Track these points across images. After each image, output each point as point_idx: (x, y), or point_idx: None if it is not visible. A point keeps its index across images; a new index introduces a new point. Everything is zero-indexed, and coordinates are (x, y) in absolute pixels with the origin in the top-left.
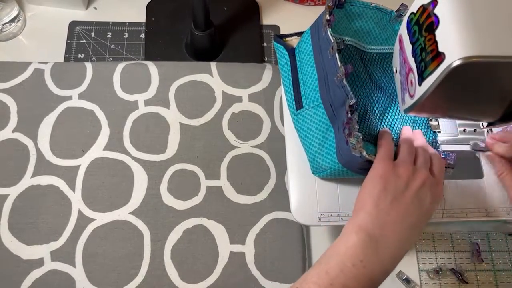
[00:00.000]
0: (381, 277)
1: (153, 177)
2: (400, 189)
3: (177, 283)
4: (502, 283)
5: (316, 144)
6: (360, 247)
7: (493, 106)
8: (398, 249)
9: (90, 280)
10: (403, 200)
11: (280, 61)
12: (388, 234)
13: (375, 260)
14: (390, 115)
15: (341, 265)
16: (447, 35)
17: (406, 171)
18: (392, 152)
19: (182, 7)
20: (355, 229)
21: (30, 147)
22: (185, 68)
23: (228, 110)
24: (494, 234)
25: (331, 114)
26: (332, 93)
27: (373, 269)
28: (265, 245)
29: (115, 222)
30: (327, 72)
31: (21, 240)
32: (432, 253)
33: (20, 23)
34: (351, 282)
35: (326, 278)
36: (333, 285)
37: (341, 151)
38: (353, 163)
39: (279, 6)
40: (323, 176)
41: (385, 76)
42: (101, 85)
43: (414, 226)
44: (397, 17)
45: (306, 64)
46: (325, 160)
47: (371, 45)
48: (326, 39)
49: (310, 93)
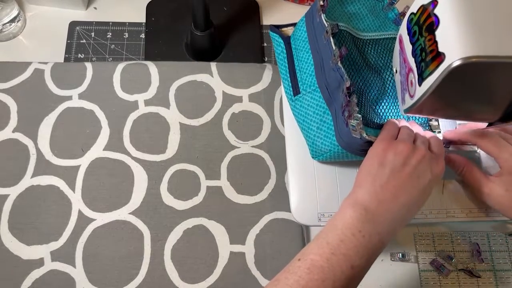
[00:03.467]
0: (379, 248)
1: (153, 177)
2: (398, 165)
3: (177, 283)
4: (502, 283)
5: (314, 128)
6: (357, 219)
7: (493, 106)
8: (395, 222)
9: (90, 280)
10: (401, 176)
11: (276, 49)
12: (385, 208)
13: (372, 231)
14: (386, 99)
15: (341, 235)
16: (447, 35)
17: (406, 148)
18: (394, 135)
19: (182, 7)
20: (352, 204)
21: (30, 147)
22: (185, 68)
23: (228, 110)
24: (494, 234)
25: (328, 97)
26: (327, 76)
27: (371, 240)
28: (265, 245)
29: (115, 222)
30: (322, 57)
31: (21, 240)
32: (432, 253)
33: (20, 23)
34: (352, 251)
35: (327, 248)
36: (334, 254)
37: (341, 134)
38: (353, 145)
39: (279, 6)
40: (323, 159)
41: (381, 59)
42: (101, 85)
43: (411, 201)
44: (389, 4)
45: (301, 50)
46: (324, 143)
47: (364, 32)
48: (321, 24)
49: (307, 79)
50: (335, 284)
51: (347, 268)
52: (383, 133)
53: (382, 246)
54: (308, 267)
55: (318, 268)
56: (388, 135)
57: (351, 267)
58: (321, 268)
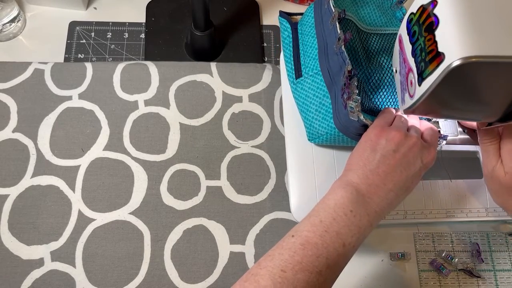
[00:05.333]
0: (368, 229)
1: (153, 177)
2: (389, 151)
3: (177, 283)
4: (502, 283)
5: (313, 110)
6: (348, 199)
7: (493, 106)
8: (383, 206)
9: (90, 280)
10: (390, 162)
11: (283, 33)
12: (374, 191)
13: (363, 213)
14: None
15: (333, 214)
16: (447, 35)
17: (398, 134)
18: (389, 122)
19: (182, 7)
20: (343, 185)
21: (30, 147)
22: (185, 68)
23: (228, 110)
24: (494, 234)
25: (329, 80)
26: (330, 60)
27: (361, 219)
28: (265, 245)
29: (115, 222)
30: (327, 42)
31: (21, 240)
32: (432, 253)
33: (20, 23)
34: (344, 229)
35: (320, 226)
36: (328, 231)
37: (338, 116)
38: (349, 128)
39: (279, 6)
40: (319, 142)
41: (383, 53)
42: (101, 85)
43: (400, 187)
44: (398, 3)
45: (307, 35)
46: (321, 126)
47: (369, 26)
48: (328, 10)
49: (310, 62)
50: (328, 260)
51: (340, 246)
52: (378, 119)
53: (371, 227)
54: (302, 243)
55: (312, 244)
56: (383, 121)
57: (343, 245)
58: (315, 245)
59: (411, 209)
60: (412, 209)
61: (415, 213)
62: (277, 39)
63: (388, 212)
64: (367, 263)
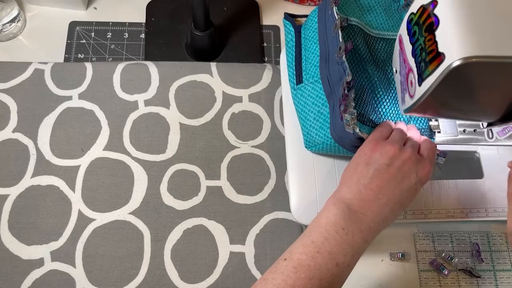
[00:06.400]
0: (362, 246)
1: (153, 177)
2: (383, 166)
3: (177, 283)
4: (502, 283)
5: (311, 118)
6: (340, 216)
7: (493, 106)
8: (377, 222)
9: (90, 280)
10: (384, 176)
11: (286, 37)
12: (367, 207)
13: (355, 230)
14: (389, 99)
15: (325, 233)
16: (447, 35)
17: (393, 149)
18: (385, 136)
19: (182, 7)
20: (335, 202)
21: (30, 147)
22: (185, 68)
23: (228, 110)
24: (494, 234)
25: (328, 89)
26: (330, 69)
27: (354, 237)
28: (265, 245)
29: (115, 222)
30: (329, 49)
31: (21, 240)
32: (432, 253)
33: (20, 23)
34: (336, 249)
35: (312, 246)
36: (320, 252)
37: (335, 127)
38: (345, 140)
39: (279, 6)
40: (315, 150)
41: (390, 58)
42: (101, 85)
43: (394, 202)
44: (405, 6)
45: (310, 41)
46: (318, 134)
47: (377, 29)
48: (332, 17)
49: (311, 69)
50: (321, 282)
51: (333, 266)
52: (374, 133)
53: (366, 244)
54: (294, 266)
55: (304, 267)
56: (379, 135)
57: (336, 264)
58: (308, 267)
59: (411, 209)
60: (412, 209)
61: (415, 213)
62: (277, 39)
63: (384, 227)
64: (367, 263)
